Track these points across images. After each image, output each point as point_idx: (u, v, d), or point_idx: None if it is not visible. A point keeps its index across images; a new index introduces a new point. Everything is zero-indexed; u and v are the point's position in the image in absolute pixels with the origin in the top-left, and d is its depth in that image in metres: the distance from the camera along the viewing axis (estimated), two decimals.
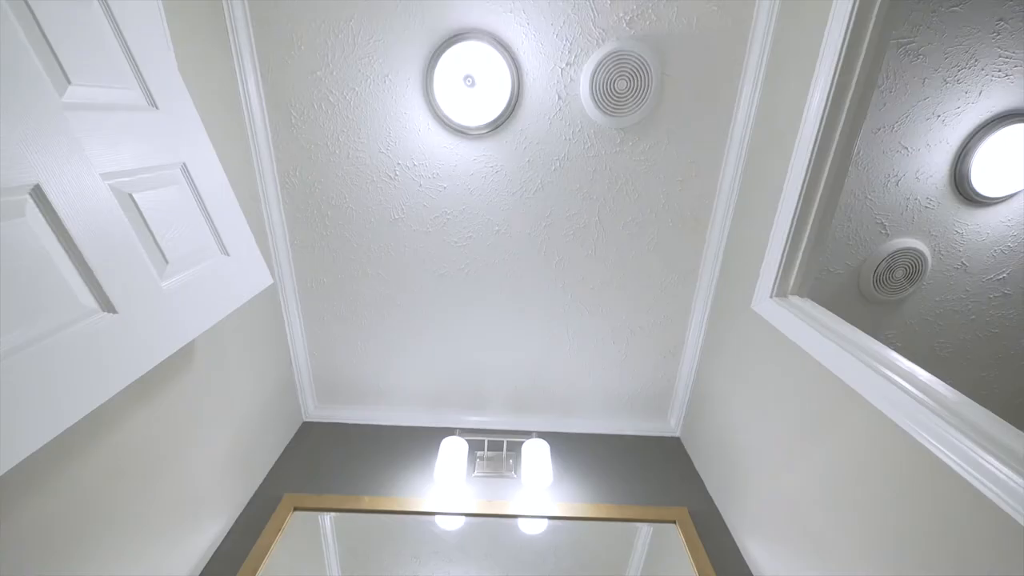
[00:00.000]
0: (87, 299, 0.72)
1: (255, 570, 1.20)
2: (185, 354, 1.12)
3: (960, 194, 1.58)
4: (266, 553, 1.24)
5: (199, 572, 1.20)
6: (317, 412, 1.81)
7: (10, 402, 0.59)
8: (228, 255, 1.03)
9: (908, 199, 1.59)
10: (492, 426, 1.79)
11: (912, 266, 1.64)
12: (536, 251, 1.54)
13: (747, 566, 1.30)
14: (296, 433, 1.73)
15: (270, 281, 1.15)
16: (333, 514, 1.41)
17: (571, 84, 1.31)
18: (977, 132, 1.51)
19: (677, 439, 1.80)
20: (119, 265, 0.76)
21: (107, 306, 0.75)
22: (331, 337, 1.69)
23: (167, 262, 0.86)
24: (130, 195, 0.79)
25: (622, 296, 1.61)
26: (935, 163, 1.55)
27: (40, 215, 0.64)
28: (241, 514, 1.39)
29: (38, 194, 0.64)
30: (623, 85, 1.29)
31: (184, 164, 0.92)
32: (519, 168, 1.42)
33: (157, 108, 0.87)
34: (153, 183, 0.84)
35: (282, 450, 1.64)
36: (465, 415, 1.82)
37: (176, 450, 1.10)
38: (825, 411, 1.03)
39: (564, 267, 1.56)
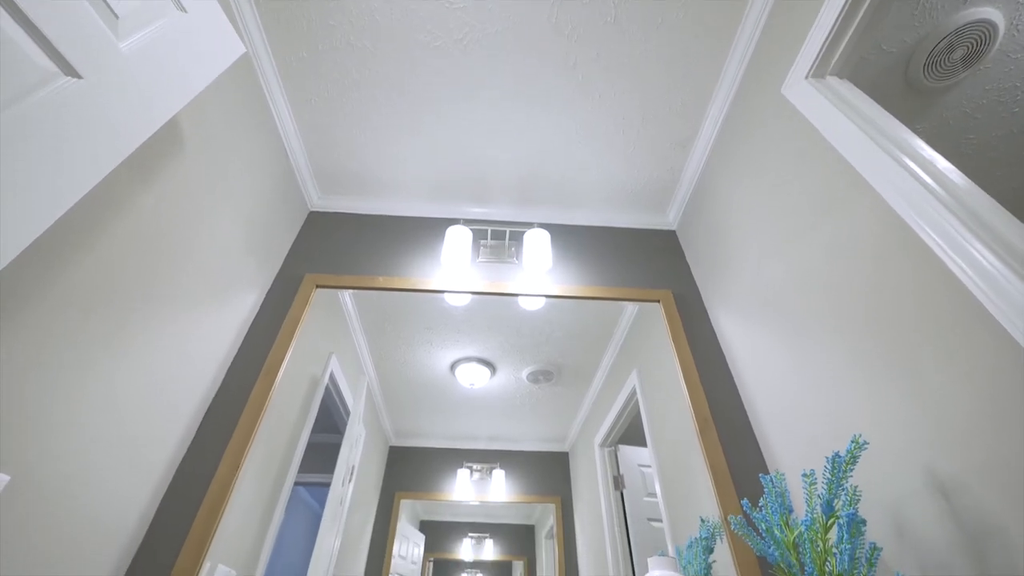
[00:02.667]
0: (41, 59, 0.64)
1: (292, 334, 1.39)
2: (174, 140, 1.06)
3: None
4: (297, 323, 1.42)
5: (244, 336, 1.40)
6: (322, 202, 1.83)
7: (10, 181, 0.58)
8: (185, 11, 0.88)
9: None
10: (495, 217, 1.84)
11: (976, 44, 1.43)
12: (545, 18, 1.31)
13: (716, 337, 1.51)
14: (305, 222, 1.79)
15: (241, 49, 1.01)
16: (352, 291, 1.56)
17: None
18: None
19: (673, 232, 1.87)
20: (61, 15, 0.65)
21: (67, 69, 0.67)
22: (322, 122, 1.58)
23: (116, 16, 0.74)
24: None
25: (638, 77, 1.45)
26: None
27: None
28: (269, 291, 1.54)
29: None
30: None
31: None
32: None
33: None
34: None
35: (294, 237, 1.72)
36: (468, 206, 1.85)
37: (192, 233, 1.15)
38: (828, 203, 1.03)
39: (577, 39, 1.36)
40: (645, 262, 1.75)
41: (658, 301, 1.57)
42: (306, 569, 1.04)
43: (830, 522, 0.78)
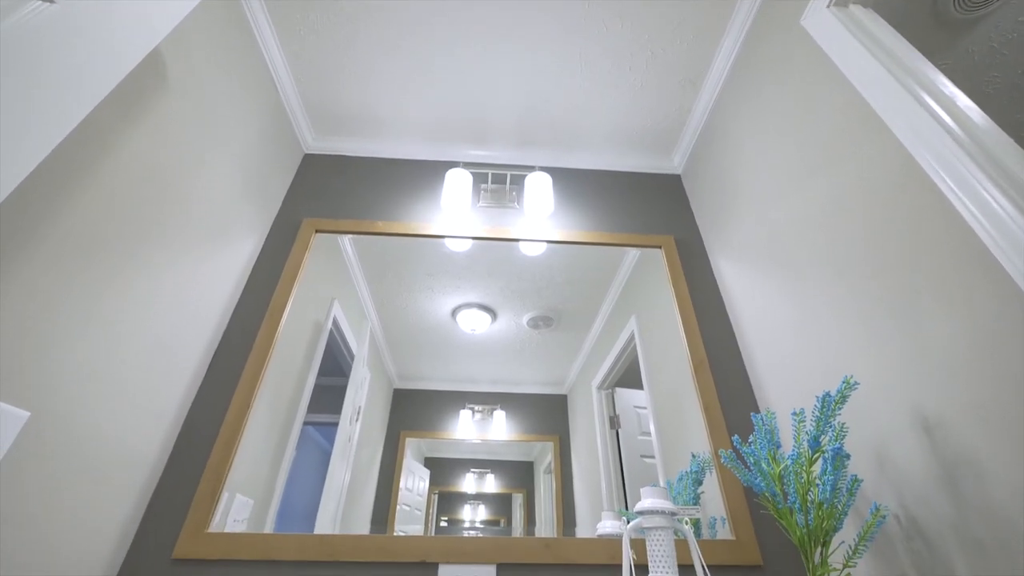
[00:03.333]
0: None
1: (293, 279, 1.39)
2: (158, 74, 1.01)
3: None
4: (299, 268, 1.42)
5: (245, 281, 1.40)
6: (317, 144, 1.77)
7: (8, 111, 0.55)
8: None
9: None
10: (495, 160, 1.79)
11: None
12: None
13: (715, 282, 1.51)
14: (300, 165, 1.74)
15: None
16: (352, 236, 1.55)
17: None
18: None
19: (678, 177, 1.83)
20: None
21: None
22: (312, 56, 1.50)
23: None
24: None
25: (650, 5, 1.35)
26: None
27: None
28: (268, 236, 1.52)
29: None
30: None
31: None
32: None
33: None
34: None
35: (291, 180, 1.69)
36: (468, 149, 1.79)
37: (185, 174, 1.13)
38: (839, 145, 1.00)
39: None
40: (648, 207, 1.72)
41: (659, 247, 1.56)
42: (319, 500, 1.11)
43: (815, 456, 0.82)
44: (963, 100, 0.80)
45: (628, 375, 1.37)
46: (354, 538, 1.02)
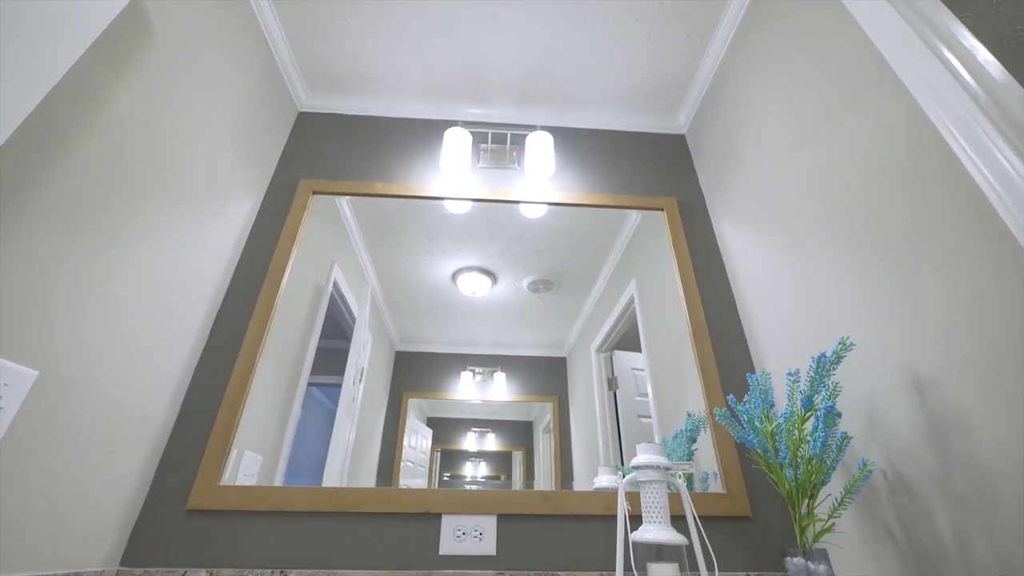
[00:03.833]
0: None
1: (292, 240, 1.38)
2: (145, 30, 0.97)
3: None
4: (297, 229, 1.41)
5: (244, 243, 1.39)
6: (311, 102, 1.72)
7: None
8: None
9: None
10: (496, 119, 1.74)
11: None
12: None
13: (717, 245, 1.50)
14: (295, 124, 1.70)
15: None
16: (350, 198, 1.52)
17: None
18: None
19: (683, 137, 1.78)
20: None
21: None
22: (305, 8, 1.43)
23: None
24: None
25: None
26: None
27: None
28: (265, 197, 1.50)
29: None
30: None
31: None
32: None
33: None
34: None
35: (285, 140, 1.65)
36: (467, 107, 1.74)
37: (177, 133, 1.10)
38: (850, 102, 0.97)
39: None
40: (651, 168, 1.69)
41: (662, 209, 1.54)
42: (325, 457, 1.14)
43: (808, 415, 0.84)
44: (983, 54, 0.77)
45: (627, 338, 1.38)
46: (361, 491, 1.06)
